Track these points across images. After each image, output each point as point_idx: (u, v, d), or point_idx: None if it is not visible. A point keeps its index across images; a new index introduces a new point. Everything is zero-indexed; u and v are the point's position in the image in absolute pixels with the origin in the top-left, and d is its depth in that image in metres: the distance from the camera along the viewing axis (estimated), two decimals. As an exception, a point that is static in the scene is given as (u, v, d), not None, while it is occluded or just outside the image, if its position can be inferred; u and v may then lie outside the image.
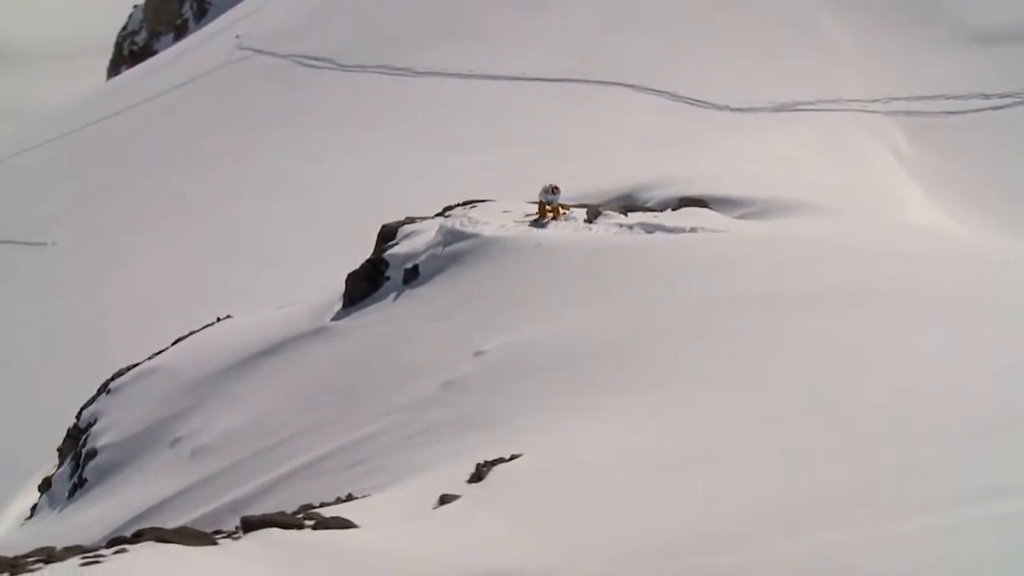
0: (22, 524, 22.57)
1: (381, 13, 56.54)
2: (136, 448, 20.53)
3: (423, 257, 19.12)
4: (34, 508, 22.69)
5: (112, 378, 23.15)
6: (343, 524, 11.43)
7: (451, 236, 19.16)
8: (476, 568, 9.42)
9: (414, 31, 51.64)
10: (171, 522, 17.31)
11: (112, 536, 18.05)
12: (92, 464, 21.07)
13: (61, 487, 21.91)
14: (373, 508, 11.89)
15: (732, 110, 35.43)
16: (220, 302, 29.51)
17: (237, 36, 73.22)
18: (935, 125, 34.21)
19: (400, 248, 19.96)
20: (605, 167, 31.92)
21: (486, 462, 12.21)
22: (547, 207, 19.74)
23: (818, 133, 32.89)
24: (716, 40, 41.13)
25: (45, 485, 22.70)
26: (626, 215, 19.72)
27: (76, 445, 22.33)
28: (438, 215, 22.32)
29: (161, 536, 9.76)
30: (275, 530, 11.24)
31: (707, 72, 38.73)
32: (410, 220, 22.22)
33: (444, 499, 11.42)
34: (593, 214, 19.50)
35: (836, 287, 13.65)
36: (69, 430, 22.92)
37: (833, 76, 36.79)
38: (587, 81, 40.31)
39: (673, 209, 24.08)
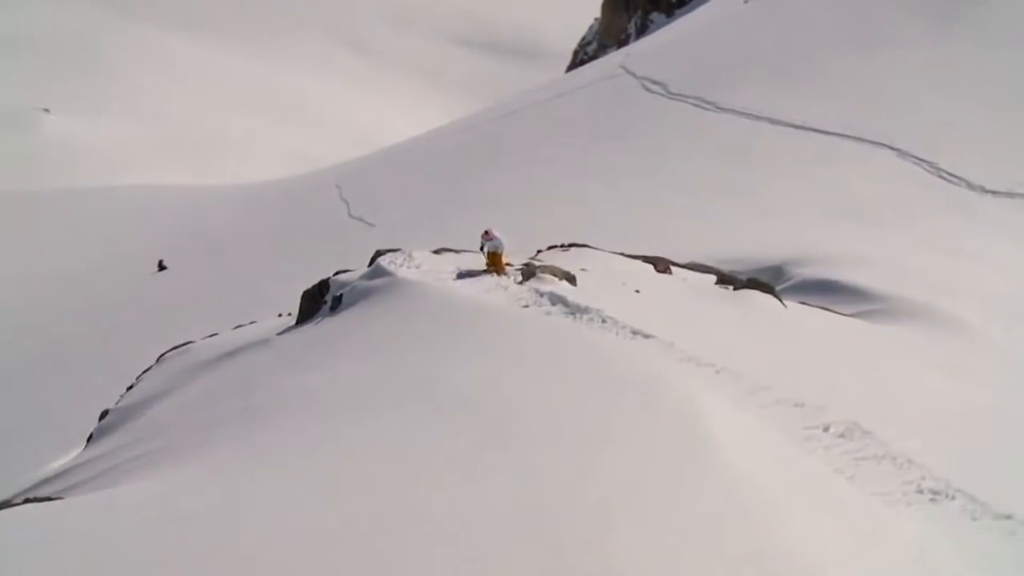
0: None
1: (726, 46, 54.33)
2: (122, 417, 21.65)
3: (348, 288, 18.26)
4: (86, 452, 24.81)
5: (171, 349, 24.57)
6: None
7: (374, 271, 18.13)
8: None
9: (741, 66, 48.95)
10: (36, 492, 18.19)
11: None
12: (100, 423, 22.58)
13: (96, 439, 23.67)
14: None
15: (984, 191, 29.77)
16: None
17: (627, 55, 74.01)
18: None
19: (344, 275, 19.24)
20: (785, 234, 28.31)
21: (35, 498, 11.67)
22: (492, 258, 18.01)
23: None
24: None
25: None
26: (574, 283, 17.41)
27: (121, 404, 23.98)
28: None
29: None
30: None
31: (994, 146, 32.89)
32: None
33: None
34: (528, 275, 17.46)
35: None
36: (128, 387, 24.66)
37: None
38: (859, 139, 35.87)
39: (735, 288, 21.02)
